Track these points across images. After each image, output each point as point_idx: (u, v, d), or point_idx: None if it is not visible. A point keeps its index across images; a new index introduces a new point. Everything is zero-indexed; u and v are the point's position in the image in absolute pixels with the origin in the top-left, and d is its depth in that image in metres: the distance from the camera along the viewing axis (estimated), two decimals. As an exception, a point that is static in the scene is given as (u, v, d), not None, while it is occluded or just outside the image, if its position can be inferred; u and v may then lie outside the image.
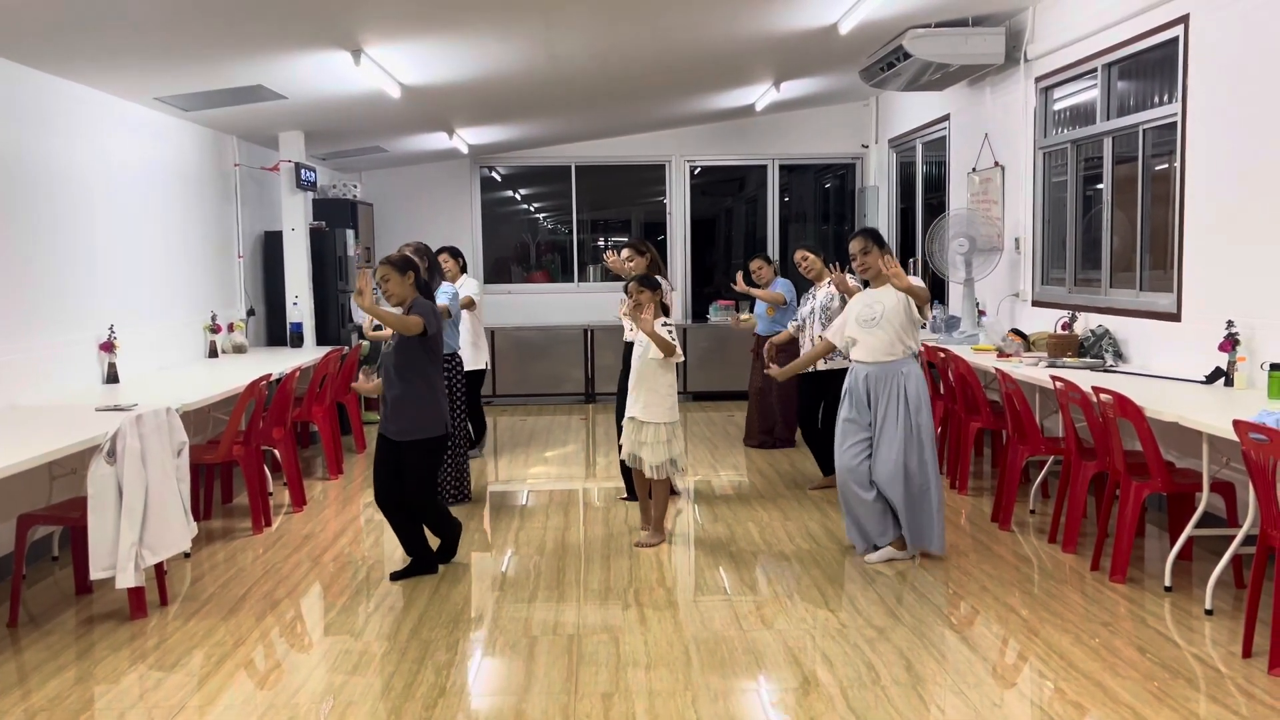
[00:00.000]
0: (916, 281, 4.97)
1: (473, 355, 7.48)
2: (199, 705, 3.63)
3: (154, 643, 4.24)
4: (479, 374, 7.64)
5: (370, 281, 4.67)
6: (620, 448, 5.62)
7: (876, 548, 5.15)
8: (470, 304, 7.47)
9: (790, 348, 7.25)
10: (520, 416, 10.31)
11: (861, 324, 5.08)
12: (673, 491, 6.26)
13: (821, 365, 6.27)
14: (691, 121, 11.36)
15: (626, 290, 5.54)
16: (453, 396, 6.36)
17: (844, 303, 5.91)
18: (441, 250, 7.29)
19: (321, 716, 3.53)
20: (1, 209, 5.30)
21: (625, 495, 6.51)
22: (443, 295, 6.38)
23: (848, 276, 5.57)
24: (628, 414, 5.48)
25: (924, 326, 5.47)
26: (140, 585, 4.48)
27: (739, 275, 7.79)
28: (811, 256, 6.73)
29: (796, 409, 7.77)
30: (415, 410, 4.86)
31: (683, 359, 5.53)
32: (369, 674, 3.88)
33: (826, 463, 6.59)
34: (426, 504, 5.00)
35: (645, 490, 5.58)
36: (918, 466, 5.01)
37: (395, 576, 5.01)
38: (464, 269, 7.45)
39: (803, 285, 7.24)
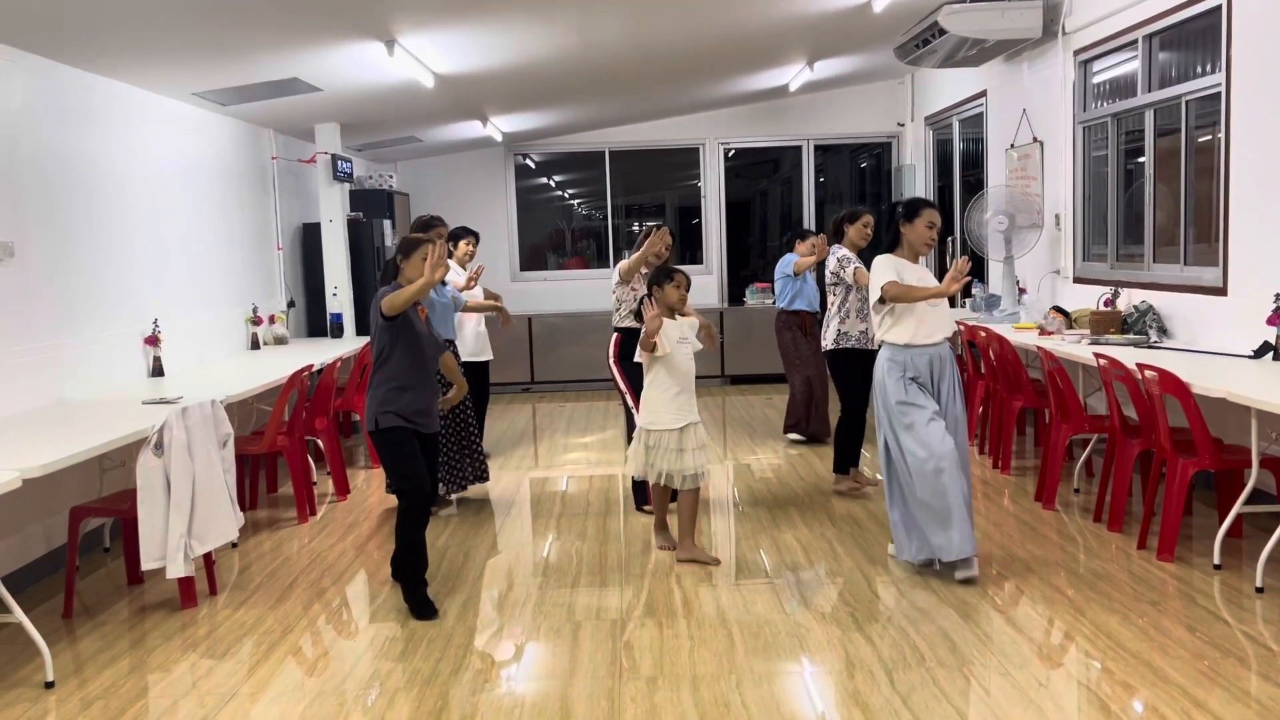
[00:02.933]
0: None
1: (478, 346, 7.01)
2: (250, 692, 3.69)
3: (204, 631, 4.31)
4: (488, 365, 7.16)
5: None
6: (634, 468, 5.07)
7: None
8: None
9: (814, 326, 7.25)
10: (558, 403, 10.35)
11: (928, 304, 4.63)
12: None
13: (868, 345, 5.92)
14: (725, 104, 11.31)
15: (668, 274, 4.98)
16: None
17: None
18: (468, 234, 7.02)
19: (369, 702, 3.58)
20: (47, 206, 5.39)
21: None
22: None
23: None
24: (685, 422, 4.89)
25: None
26: (190, 575, 4.55)
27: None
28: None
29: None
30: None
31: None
32: (415, 659, 3.92)
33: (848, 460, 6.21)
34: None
35: (668, 500, 5.19)
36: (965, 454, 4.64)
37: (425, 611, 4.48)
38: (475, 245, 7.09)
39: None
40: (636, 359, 4.96)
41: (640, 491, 5.85)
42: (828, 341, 6.15)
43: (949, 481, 4.45)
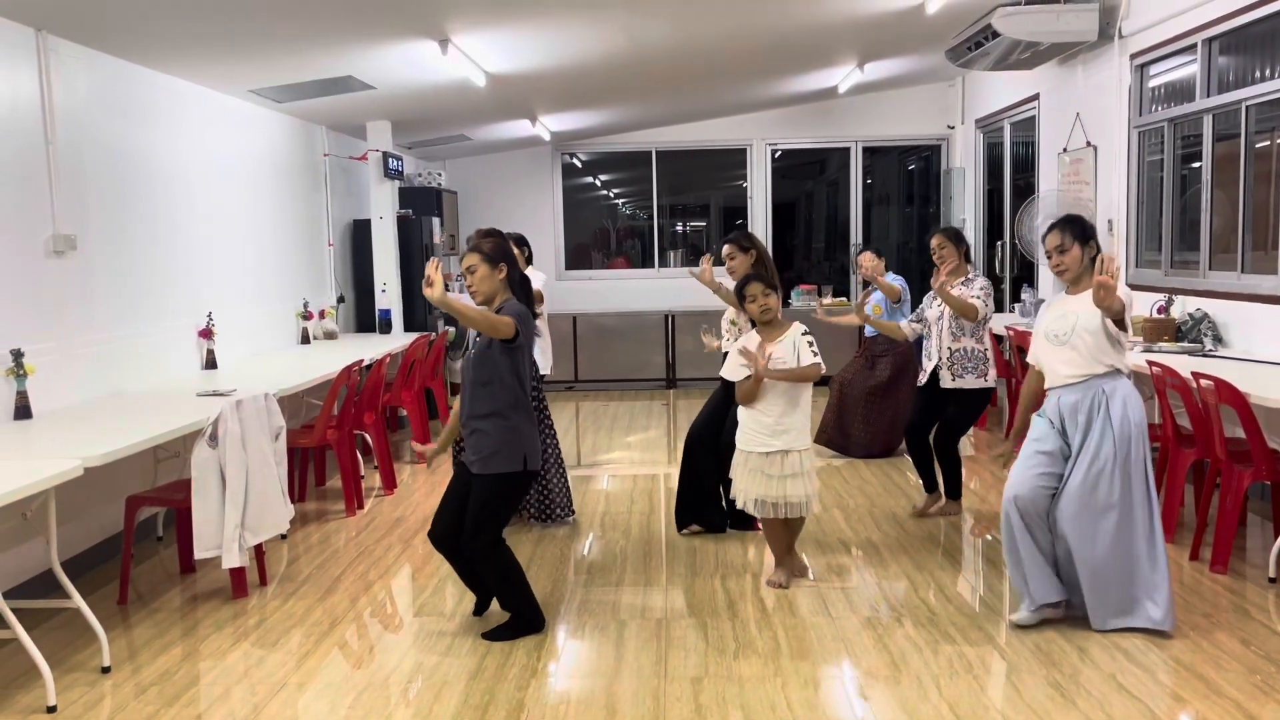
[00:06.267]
0: (1123, 294, 3.88)
1: (539, 358, 6.35)
2: (299, 683, 3.74)
3: (255, 621, 4.38)
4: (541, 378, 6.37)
5: (440, 270, 3.81)
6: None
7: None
8: (537, 299, 6.40)
9: (905, 358, 7.04)
10: (602, 402, 10.37)
11: (1050, 339, 4.06)
12: (750, 527, 5.43)
13: (948, 382, 5.47)
14: (773, 104, 11.27)
15: (740, 292, 4.59)
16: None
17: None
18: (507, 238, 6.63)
19: (414, 696, 3.61)
20: (108, 200, 5.49)
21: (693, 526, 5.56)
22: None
23: (955, 287, 5.34)
24: (762, 449, 4.45)
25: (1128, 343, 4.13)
26: (243, 565, 4.62)
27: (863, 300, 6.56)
28: (949, 245, 5.54)
29: (901, 421, 7.11)
30: (488, 437, 3.98)
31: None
32: (462, 655, 3.95)
33: (931, 478, 5.81)
34: (484, 552, 4.04)
35: (781, 537, 4.63)
36: (1146, 516, 3.92)
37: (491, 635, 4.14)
38: (530, 260, 6.50)
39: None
40: (722, 374, 4.87)
41: (739, 515, 5.29)
42: None
43: (1013, 529, 4.03)
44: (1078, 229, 4.12)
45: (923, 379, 5.64)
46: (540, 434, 5.44)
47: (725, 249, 5.39)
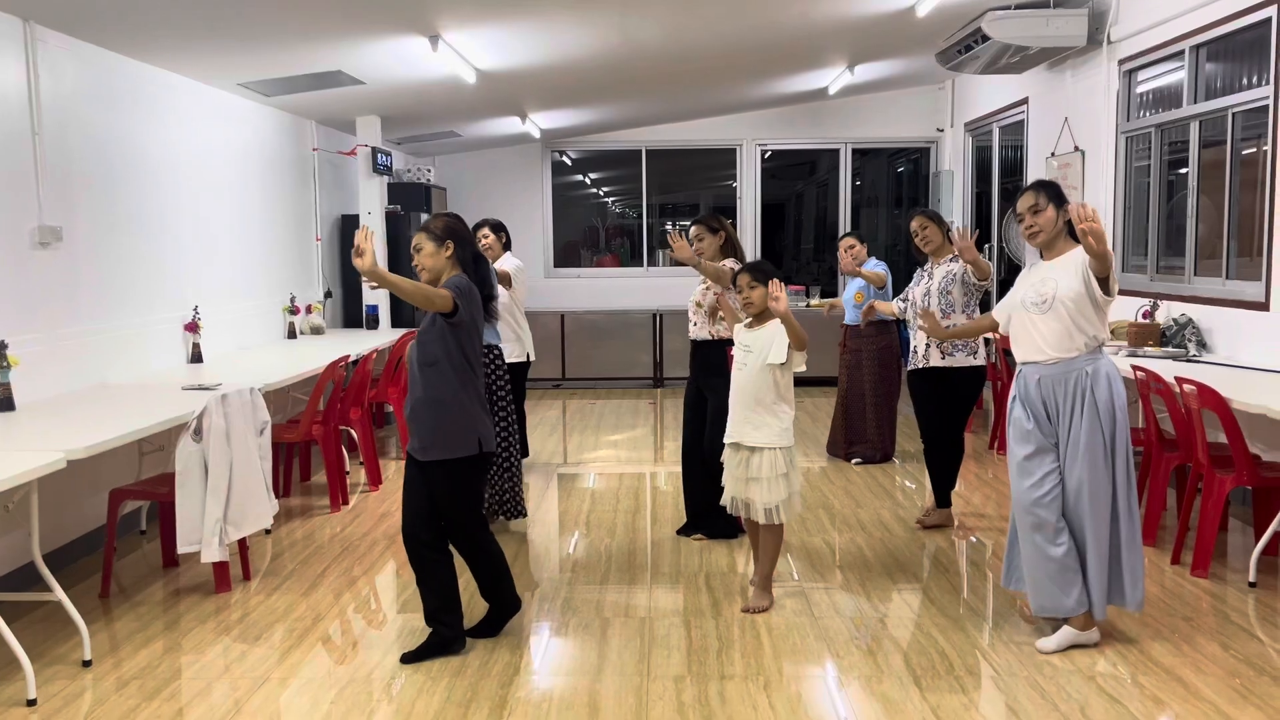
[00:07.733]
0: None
1: (512, 346, 6.29)
2: (281, 678, 3.73)
3: (238, 616, 4.37)
4: (521, 367, 6.45)
5: (372, 239, 3.64)
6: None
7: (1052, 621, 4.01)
8: (505, 280, 6.12)
9: (888, 336, 7.00)
10: (589, 400, 10.37)
11: (1029, 308, 3.91)
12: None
13: (938, 361, 5.35)
14: (763, 105, 11.30)
15: (734, 282, 4.47)
16: (495, 397, 5.44)
17: (964, 282, 5.29)
18: (481, 224, 6.39)
19: (397, 692, 3.61)
20: (95, 192, 5.46)
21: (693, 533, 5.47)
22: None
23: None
24: (730, 437, 4.35)
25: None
26: (225, 560, 4.61)
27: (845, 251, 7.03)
28: (931, 225, 5.50)
29: (891, 418, 7.14)
30: (438, 421, 3.78)
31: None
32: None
33: (942, 490, 5.62)
34: (471, 540, 3.97)
35: (756, 537, 4.46)
36: (1125, 499, 3.86)
37: (408, 658, 3.89)
38: (507, 245, 6.46)
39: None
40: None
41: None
42: None
43: (1027, 544, 3.94)
44: (1052, 191, 3.94)
45: (913, 362, 5.47)
46: (506, 424, 5.46)
47: (693, 230, 5.35)
